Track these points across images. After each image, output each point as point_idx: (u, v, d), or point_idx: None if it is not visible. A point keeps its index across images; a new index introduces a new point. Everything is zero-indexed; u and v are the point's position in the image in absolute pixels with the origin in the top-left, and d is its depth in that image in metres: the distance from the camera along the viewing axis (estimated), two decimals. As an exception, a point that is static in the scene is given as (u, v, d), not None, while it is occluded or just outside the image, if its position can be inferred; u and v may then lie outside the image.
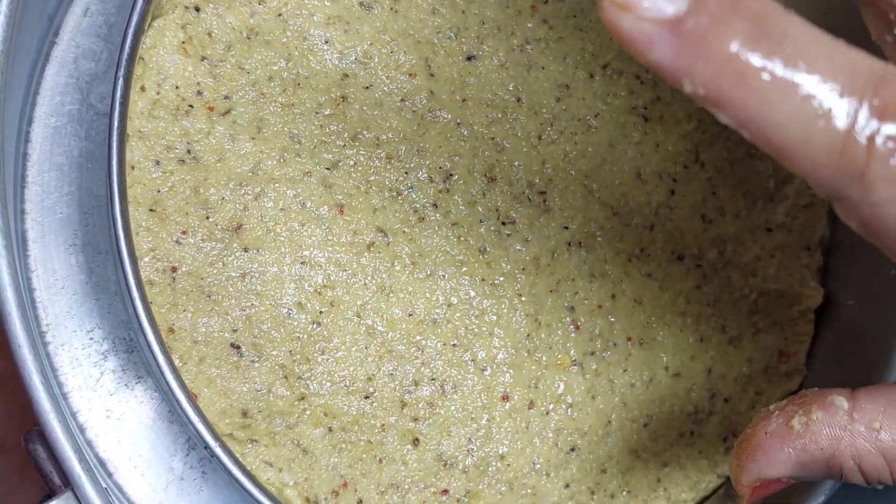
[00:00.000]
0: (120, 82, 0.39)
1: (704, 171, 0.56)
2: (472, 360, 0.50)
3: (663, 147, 0.55)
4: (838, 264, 0.59)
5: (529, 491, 0.51)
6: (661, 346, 0.54)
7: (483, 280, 0.50)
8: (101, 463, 0.46)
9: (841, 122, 0.29)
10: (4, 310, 0.34)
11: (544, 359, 0.51)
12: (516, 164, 0.52)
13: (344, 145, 0.49)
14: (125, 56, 0.40)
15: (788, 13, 0.30)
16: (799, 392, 0.43)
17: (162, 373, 0.41)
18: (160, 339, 0.41)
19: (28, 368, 0.34)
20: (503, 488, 0.50)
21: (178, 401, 0.41)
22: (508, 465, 0.50)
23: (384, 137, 0.50)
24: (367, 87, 0.50)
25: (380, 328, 0.49)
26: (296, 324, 0.47)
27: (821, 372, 0.58)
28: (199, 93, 0.47)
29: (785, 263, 0.58)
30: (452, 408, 0.49)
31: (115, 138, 0.38)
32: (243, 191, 0.47)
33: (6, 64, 0.36)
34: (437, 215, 0.50)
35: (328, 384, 0.48)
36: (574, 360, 0.52)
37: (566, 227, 0.52)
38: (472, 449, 0.50)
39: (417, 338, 0.49)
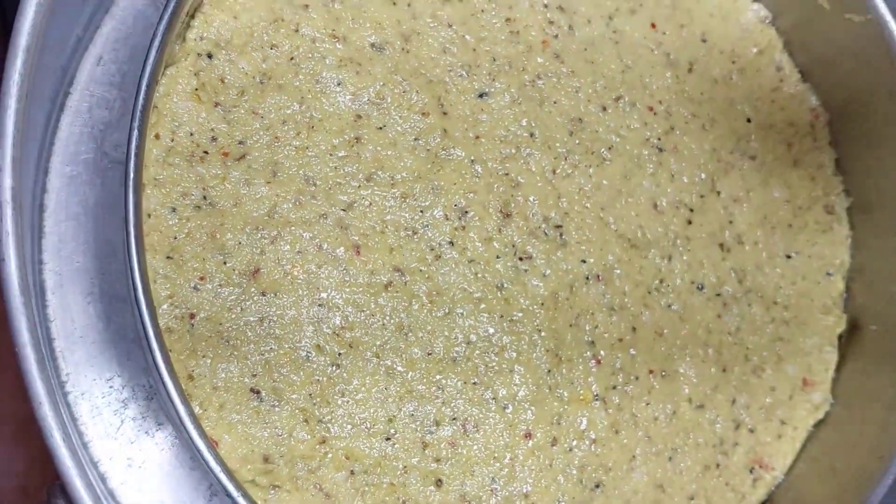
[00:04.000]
0: (135, 133, 0.39)
1: (721, 200, 0.56)
2: (494, 398, 0.50)
3: (679, 177, 0.55)
4: (860, 290, 0.58)
5: (555, 529, 0.50)
6: (684, 377, 0.54)
7: (502, 317, 0.50)
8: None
9: None
10: (24, 367, 0.34)
11: (566, 394, 0.51)
12: (531, 199, 0.52)
13: (359, 186, 0.49)
14: (139, 107, 0.40)
15: None
16: None
17: (182, 422, 0.41)
18: (179, 388, 0.41)
19: (49, 425, 0.34)
20: (528, 527, 0.50)
21: (198, 450, 0.41)
22: (533, 503, 0.50)
23: (399, 177, 0.50)
24: (381, 128, 0.50)
25: (399, 368, 0.48)
26: (315, 367, 0.47)
27: (847, 399, 0.57)
28: (214, 139, 0.47)
29: (806, 290, 0.57)
30: (475, 447, 0.49)
31: (130, 190, 0.38)
32: (259, 235, 0.47)
33: (23, 121, 0.36)
34: (454, 253, 0.50)
35: (349, 427, 0.47)
36: (596, 395, 0.51)
37: (584, 261, 0.52)
38: (496, 489, 0.49)
39: (437, 377, 0.49)
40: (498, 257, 0.50)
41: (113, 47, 0.49)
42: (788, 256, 0.57)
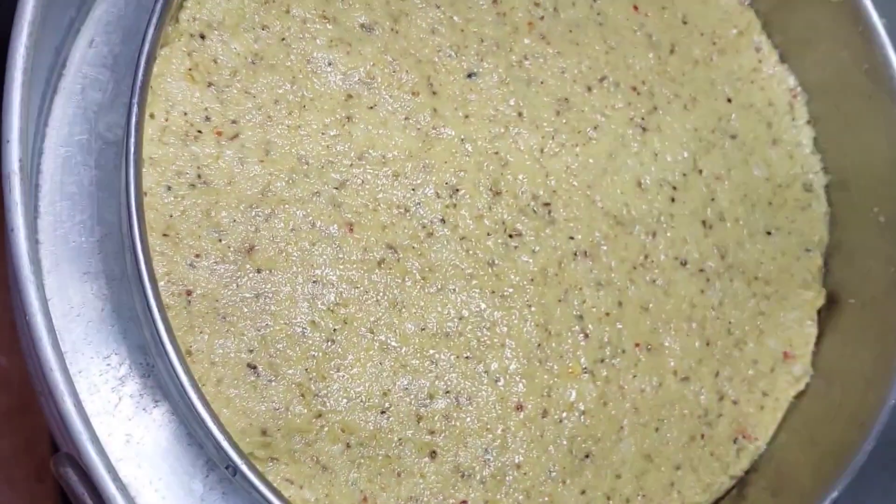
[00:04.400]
0: (135, 109, 0.39)
1: (703, 178, 0.57)
2: (486, 372, 0.51)
3: (662, 156, 0.56)
4: (838, 265, 0.60)
5: (546, 499, 0.51)
6: (669, 350, 0.55)
7: (493, 292, 0.51)
8: (123, 487, 0.46)
9: None
10: (35, 336, 0.34)
11: (555, 367, 0.52)
12: (520, 177, 0.53)
13: (351, 164, 0.50)
14: (139, 83, 0.41)
15: None
16: None
17: (186, 394, 0.41)
18: (183, 360, 0.41)
19: (61, 392, 0.35)
20: (520, 497, 0.51)
21: (202, 421, 0.41)
22: (525, 473, 0.51)
23: (390, 155, 0.50)
24: (372, 107, 0.50)
25: (393, 343, 0.49)
26: (310, 342, 0.48)
27: (826, 371, 0.58)
28: (207, 118, 0.48)
29: (786, 266, 0.59)
30: (468, 419, 0.50)
31: (132, 164, 0.39)
32: (254, 213, 0.48)
33: (28, 94, 0.36)
34: (446, 230, 0.51)
35: (344, 400, 0.48)
36: (584, 368, 0.53)
37: (571, 238, 0.53)
38: (489, 459, 0.50)
39: (431, 351, 0.50)
40: (489, 234, 0.52)
41: (105, 30, 0.50)
42: (769, 233, 0.59)
